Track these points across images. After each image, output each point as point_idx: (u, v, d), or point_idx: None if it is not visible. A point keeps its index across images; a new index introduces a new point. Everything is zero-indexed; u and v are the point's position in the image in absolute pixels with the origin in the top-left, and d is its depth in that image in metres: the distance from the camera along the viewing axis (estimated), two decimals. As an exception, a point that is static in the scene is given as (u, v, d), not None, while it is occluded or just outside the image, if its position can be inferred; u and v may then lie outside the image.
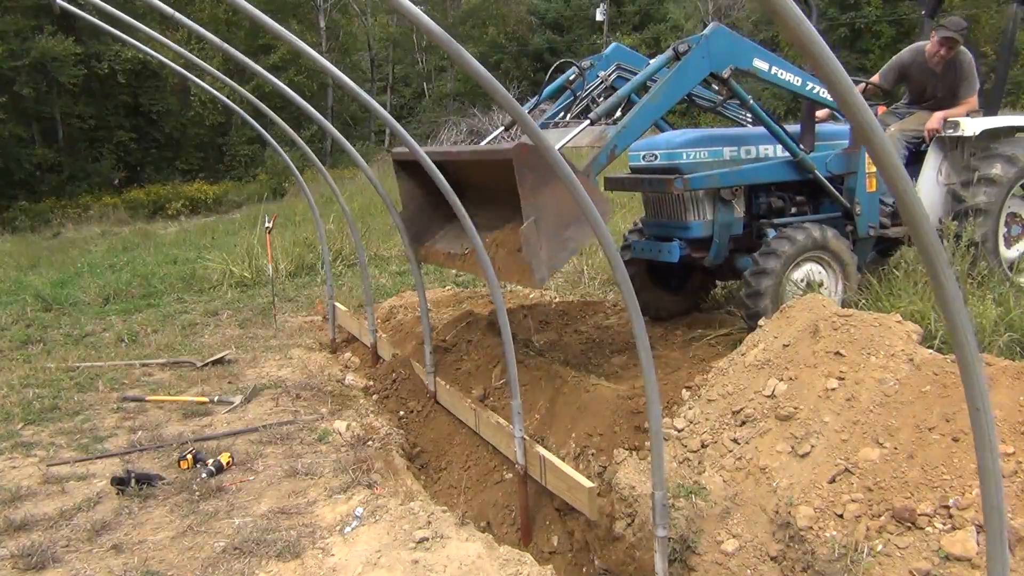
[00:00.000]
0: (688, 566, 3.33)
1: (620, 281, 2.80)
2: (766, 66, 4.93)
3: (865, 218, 5.49)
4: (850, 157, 5.44)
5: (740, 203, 5.28)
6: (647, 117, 4.78)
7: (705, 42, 4.69)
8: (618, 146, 4.76)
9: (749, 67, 4.87)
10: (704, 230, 5.25)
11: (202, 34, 4.72)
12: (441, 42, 2.35)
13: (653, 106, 4.73)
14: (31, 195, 23.83)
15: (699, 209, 5.24)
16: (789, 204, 5.49)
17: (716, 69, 4.76)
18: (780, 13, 1.30)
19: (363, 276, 6.41)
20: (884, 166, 1.46)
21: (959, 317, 1.57)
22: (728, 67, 4.77)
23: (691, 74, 4.73)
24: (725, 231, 5.25)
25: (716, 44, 4.74)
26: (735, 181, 5.17)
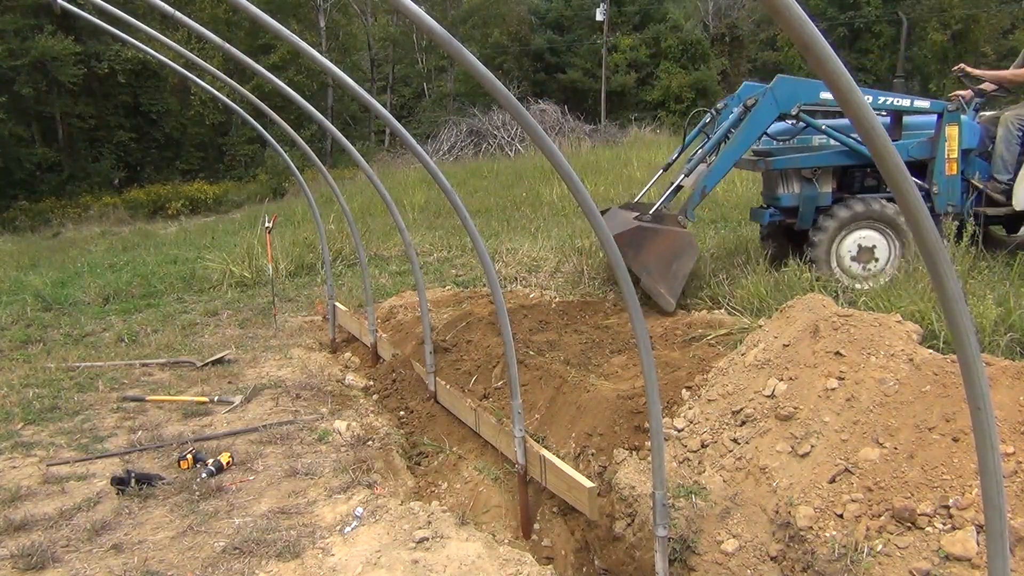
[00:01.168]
0: (688, 566, 3.33)
1: (620, 281, 2.80)
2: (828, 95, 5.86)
3: (943, 197, 6.24)
4: (932, 144, 6.24)
5: (825, 181, 6.45)
6: (729, 160, 6.12)
7: (770, 92, 5.97)
8: (707, 186, 6.16)
9: (817, 100, 6.04)
10: (791, 201, 6.50)
11: (202, 33, 4.72)
12: (442, 42, 2.35)
13: (732, 150, 6.10)
14: (31, 195, 23.83)
15: (787, 184, 6.52)
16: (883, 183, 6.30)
17: (784, 110, 6.00)
18: (781, 13, 1.30)
19: (363, 276, 6.41)
20: (884, 164, 1.46)
21: (960, 317, 1.57)
22: (796, 105, 5.99)
23: (761, 120, 6.00)
24: (810, 203, 6.41)
25: (780, 91, 5.97)
26: (814, 163, 6.36)
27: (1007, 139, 6.45)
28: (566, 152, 21.30)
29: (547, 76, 36.00)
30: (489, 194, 15.71)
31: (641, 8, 36.26)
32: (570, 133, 26.51)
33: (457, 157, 25.85)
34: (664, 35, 34.86)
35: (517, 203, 14.19)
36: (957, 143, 6.23)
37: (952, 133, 6.21)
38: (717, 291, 6.29)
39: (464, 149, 26.66)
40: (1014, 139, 6.42)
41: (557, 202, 13.45)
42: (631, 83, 34.73)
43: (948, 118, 6.19)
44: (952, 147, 6.21)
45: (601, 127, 29.38)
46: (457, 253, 10.24)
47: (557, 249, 9.48)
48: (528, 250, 9.33)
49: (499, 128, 26.66)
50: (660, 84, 34.11)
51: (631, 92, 34.83)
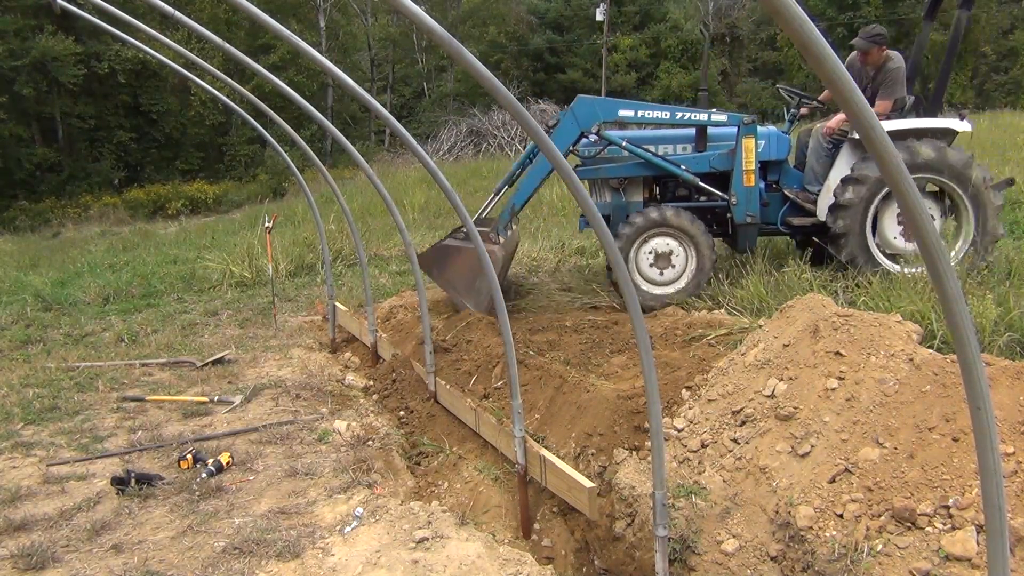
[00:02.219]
0: (688, 566, 3.33)
1: (621, 281, 2.80)
2: (631, 112, 6.34)
3: (740, 207, 6.50)
4: (731, 156, 6.46)
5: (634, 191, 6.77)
6: (533, 180, 6.51)
7: (570, 112, 6.24)
8: (515, 204, 6.56)
9: (616, 117, 6.36)
10: (603, 210, 6.75)
11: (202, 33, 4.71)
12: (442, 42, 2.35)
13: (536, 171, 6.50)
14: (31, 195, 23.82)
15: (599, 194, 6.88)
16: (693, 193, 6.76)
17: (584, 128, 6.28)
18: (781, 13, 1.30)
19: (363, 276, 6.41)
20: (884, 163, 1.46)
21: (960, 317, 1.57)
22: (595, 124, 6.32)
23: (562, 140, 6.21)
24: (620, 211, 6.74)
25: (580, 111, 6.22)
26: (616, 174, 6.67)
27: (816, 151, 6.71)
28: (566, 152, 21.21)
29: (547, 76, 36.01)
30: (489, 194, 15.68)
31: (641, 8, 36.26)
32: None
33: (457, 157, 25.85)
34: (664, 35, 34.86)
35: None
36: (754, 154, 6.41)
37: (748, 145, 6.38)
38: (717, 291, 6.30)
39: (464, 149, 26.67)
40: (823, 151, 6.65)
41: (557, 202, 13.45)
42: (631, 83, 34.74)
43: (744, 131, 6.38)
44: (749, 158, 6.39)
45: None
46: (457, 253, 10.22)
47: (557, 249, 9.48)
48: (528, 250, 9.33)
49: (499, 128, 26.67)
50: (660, 84, 34.14)
51: (631, 92, 34.83)
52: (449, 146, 26.87)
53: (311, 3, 31.92)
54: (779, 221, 6.73)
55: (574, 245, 9.57)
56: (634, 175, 6.67)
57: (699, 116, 6.48)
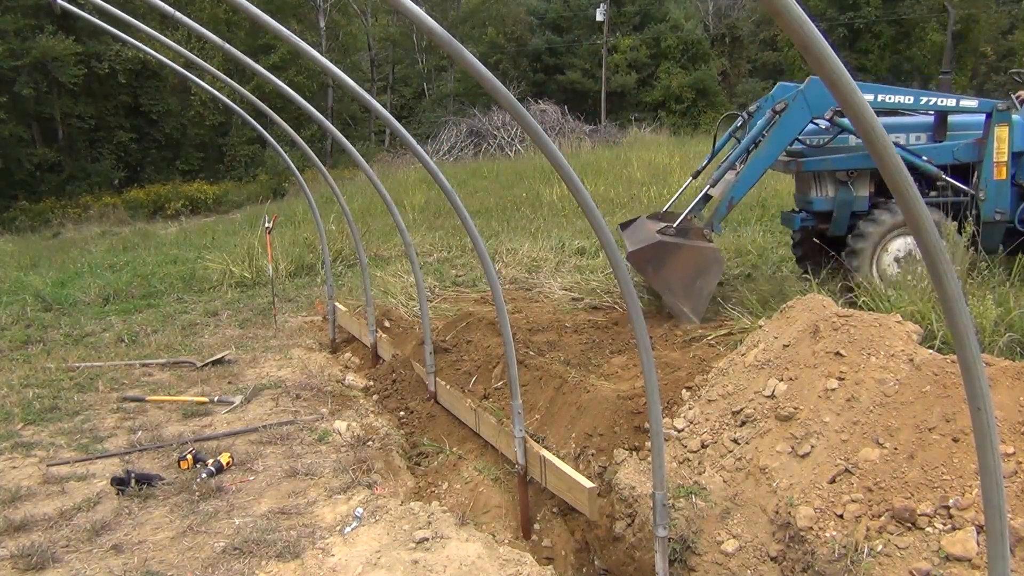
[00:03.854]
0: (688, 566, 3.33)
1: (621, 281, 2.80)
2: (871, 96, 5.65)
3: (990, 203, 5.87)
4: (979, 146, 5.84)
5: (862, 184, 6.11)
6: (757, 169, 5.86)
7: (800, 96, 5.67)
8: (735, 197, 5.91)
9: None
10: (825, 205, 6.19)
11: (202, 33, 4.72)
12: (442, 42, 2.35)
13: (761, 158, 5.83)
14: (31, 195, 23.79)
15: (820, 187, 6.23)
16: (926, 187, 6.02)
17: (816, 114, 5.71)
18: (781, 13, 1.30)
19: (363, 276, 6.40)
20: (884, 164, 1.46)
21: (960, 317, 1.56)
22: (829, 109, 5.68)
23: (792, 126, 5.71)
24: (845, 207, 6.09)
25: (812, 95, 5.64)
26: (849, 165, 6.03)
27: None
28: (566, 152, 21.30)
29: (546, 77, 35.99)
30: (489, 194, 15.71)
31: (641, 8, 36.24)
32: (570, 133, 26.52)
33: (457, 157, 25.85)
34: (664, 35, 34.84)
35: (517, 203, 14.20)
36: (1008, 145, 5.82)
37: (1002, 135, 5.81)
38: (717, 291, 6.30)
39: (464, 149, 26.67)
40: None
41: (557, 202, 13.45)
42: (631, 83, 34.73)
43: (998, 118, 5.81)
44: (1002, 149, 5.82)
45: (601, 127, 29.39)
46: (457, 253, 10.24)
47: (557, 249, 9.48)
48: (528, 250, 9.33)
49: (499, 128, 26.66)
50: (660, 84, 34.12)
51: (631, 92, 34.83)
52: (449, 146, 26.87)
53: (311, 3, 31.92)
54: (1018, 220, 6.00)
55: (574, 245, 9.57)
56: (864, 167, 6.04)
57: (947, 101, 5.86)
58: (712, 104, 33.94)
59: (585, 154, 21.70)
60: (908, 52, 32.44)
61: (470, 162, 24.06)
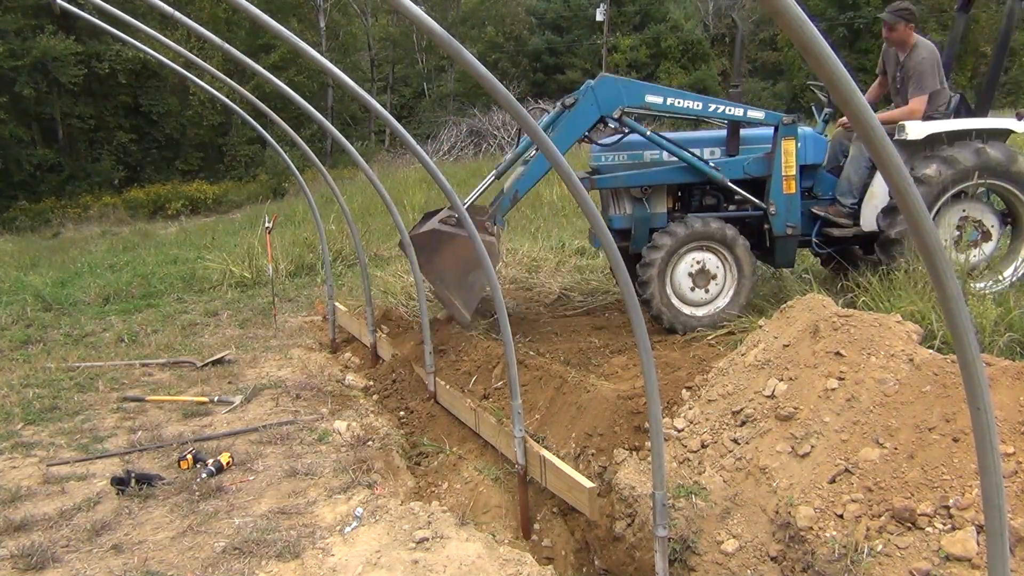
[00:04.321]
0: (688, 566, 3.33)
1: (620, 282, 2.80)
2: (660, 99, 5.64)
3: (781, 217, 5.87)
4: (768, 160, 5.83)
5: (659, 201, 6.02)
6: (543, 164, 5.65)
7: (591, 91, 5.52)
8: (519, 191, 5.80)
9: (641, 104, 5.62)
10: (623, 223, 6.07)
11: (202, 33, 4.72)
12: (441, 42, 2.35)
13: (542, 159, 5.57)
14: (31, 195, 23.80)
15: (618, 204, 6.13)
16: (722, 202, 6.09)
17: (606, 113, 5.54)
18: (781, 13, 1.30)
19: (363, 276, 6.41)
20: (885, 164, 1.46)
21: (960, 317, 1.56)
22: (618, 109, 5.54)
23: (580, 122, 5.56)
24: (643, 224, 5.99)
25: (602, 92, 5.52)
26: (643, 181, 5.90)
27: (857, 160, 5.95)
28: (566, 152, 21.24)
29: (546, 76, 35.99)
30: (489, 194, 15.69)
31: (641, 8, 36.26)
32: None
33: (457, 157, 25.85)
34: (664, 35, 34.86)
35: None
36: (795, 159, 5.79)
37: (789, 148, 5.76)
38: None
39: (464, 149, 26.68)
40: (864, 161, 5.93)
41: (557, 202, 13.45)
42: (631, 83, 34.70)
43: (784, 131, 5.75)
44: (789, 163, 5.78)
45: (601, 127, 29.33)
46: (457, 253, 10.22)
47: (557, 249, 9.48)
48: (528, 250, 9.33)
49: (499, 128, 26.67)
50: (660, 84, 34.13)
51: (631, 92, 34.80)
52: (449, 146, 26.88)
53: (311, 3, 31.93)
54: (815, 233, 6.05)
55: (574, 245, 9.57)
56: (659, 182, 5.93)
57: (734, 111, 5.74)
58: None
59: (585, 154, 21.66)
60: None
61: (470, 162, 24.06)
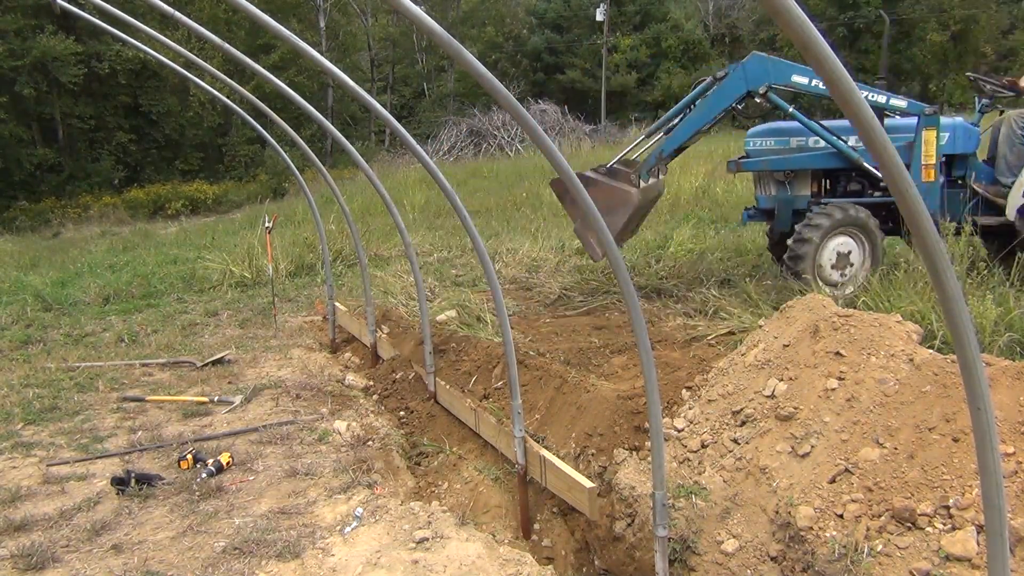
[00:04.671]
0: (688, 566, 3.33)
1: (620, 281, 2.80)
2: (806, 80, 5.92)
3: None
4: (909, 150, 6.01)
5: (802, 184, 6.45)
6: (689, 128, 6.09)
7: (741, 67, 5.92)
8: (664, 150, 6.18)
9: (787, 83, 5.94)
10: (767, 203, 6.62)
11: (202, 33, 4.71)
12: (441, 42, 2.35)
13: (694, 119, 6.09)
14: (31, 195, 23.79)
15: (764, 186, 6.66)
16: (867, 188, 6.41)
17: (752, 88, 5.90)
18: (781, 13, 1.30)
19: (363, 276, 6.41)
20: (885, 164, 1.46)
21: (960, 317, 1.56)
22: (764, 85, 5.88)
23: (728, 93, 5.94)
24: (786, 206, 6.45)
25: (751, 68, 5.89)
26: (786, 166, 6.35)
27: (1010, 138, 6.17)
28: (566, 152, 21.30)
29: (546, 76, 36.00)
30: (489, 194, 15.72)
31: (641, 8, 36.25)
32: (570, 133, 26.55)
33: (457, 157, 25.86)
34: (664, 35, 34.86)
35: (517, 203, 14.20)
36: (935, 147, 5.95)
37: (929, 137, 5.94)
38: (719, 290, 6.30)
39: (464, 149, 26.69)
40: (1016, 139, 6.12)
41: (557, 202, 13.41)
42: (631, 83, 34.74)
43: (925, 122, 5.95)
44: (929, 152, 5.96)
45: (601, 127, 29.41)
46: (457, 253, 10.24)
47: (557, 249, 9.48)
48: (528, 250, 9.33)
49: (499, 128, 26.69)
50: (660, 84, 34.13)
51: (631, 92, 34.84)
52: (449, 146, 26.89)
53: (311, 3, 31.93)
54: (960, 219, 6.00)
55: (574, 245, 9.56)
56: (803, 167, 6.36)
57: (878, 97, 5.94)
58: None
59: (585, 154, 21.70)
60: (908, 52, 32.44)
61: (470, 162, 24.08)
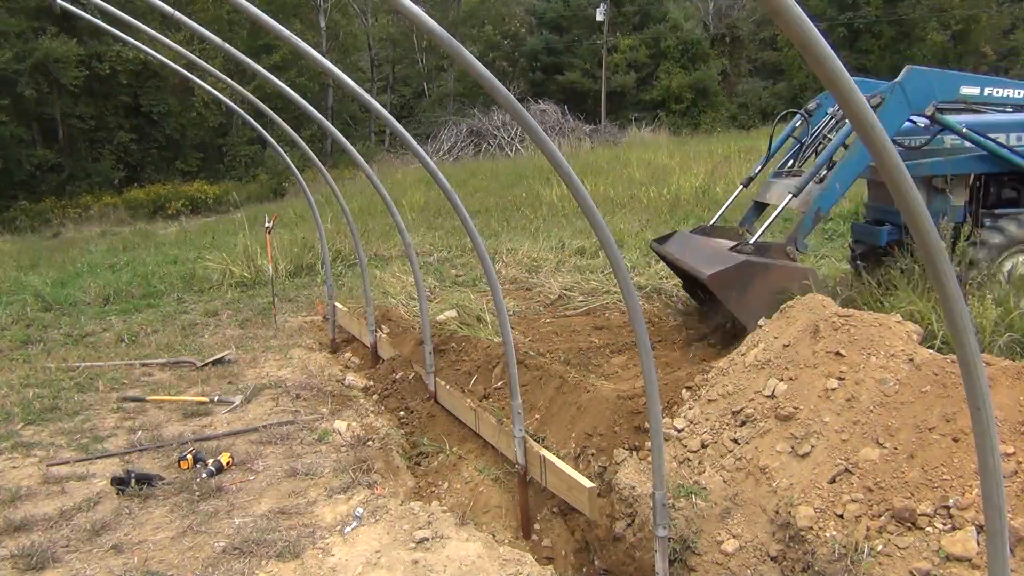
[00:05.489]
0: (688, 566, 3.33)
1: (620, 280, 2.80)
2: (976, 90, 5.05)
3: None
4: None
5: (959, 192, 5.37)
6: (848, 176, 4.98)
7: (899, 88, 4.83)
8: (822, 208, 5.03)
9: (957, 97, 5.02)
10: None
11: (202, 34, 4.72)
12: (441, 42, 2.35)
13: (853, 163, 4.93)
14: (31, 195, 23.80)
15: None
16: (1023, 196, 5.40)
17: (917, 109, 4.91)
18: (780, 13, 1.30)
19: (363, 276, 6.41)
20: (885, 166, 1.46)
21: (960, 317, 1.57)
22: (931, 104, 4.89)
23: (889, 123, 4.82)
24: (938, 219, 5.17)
25: (912, 86, 4.86)
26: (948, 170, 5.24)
27: None
28: (566, 152, 21.30)
29: (546, 76, 35.97)
30: (489, 194, 15.72)
31: (641, 8, 36.24)
32: (570, 133, 26.55)
33: (457, 157, 25.86)
34: (664, 35, 34.84)
35: (517, 203, 14.21)
36: None
37: None
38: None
39: (464, 149, 26.68)
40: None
41: (557, 202, 13.45)
42: (631, 83, 34.72)
43: None
44: None
45: (601, 127, 29.39)
46: (457, 253, 10.24)
47: (557, 249, 9.48)
48: (528, 250, 9.33)
49: (499, 128, 26.68)
50: (660, 84, 34.12)
51: (631, 92, 34.82)
52: (449, 146, 26.88)
53: (311, 3, 31.93)
54: None
55: (574, 245, 9.57)
56: (965, 172, 5.30)
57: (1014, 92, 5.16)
58: (712, 104, 33.93)
59: (585, 154, 21.72)
60: (908, 52, 32.44)
61: (470, 162, 24.08)
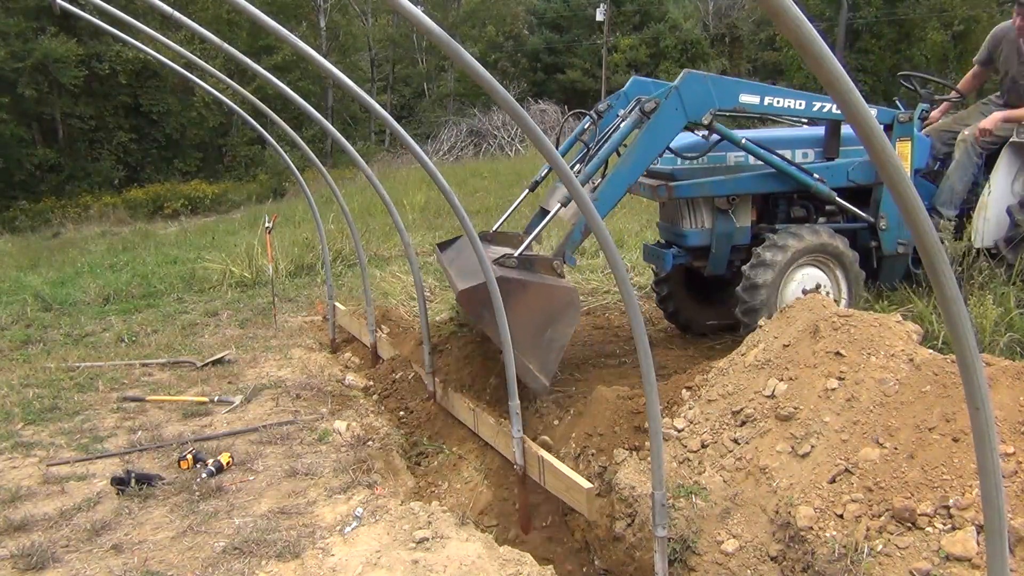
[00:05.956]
0: (688, 566, 3.33)
1: (620, 281, 2.80)
2: (756, 99, 4.68)
3: (892, 233, 4.98)
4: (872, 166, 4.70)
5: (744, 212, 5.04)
6: (620, 186, 4.58)
7: (675, 94, 4.45)
8: None
9: (736, 105, 4.65)
10: (700, 239, 5.05)
11: (202, 34, 4.72)
12: (441, 42, 2.35)
13: (626, 172, 4.54)
14: (31, 195, 23.81)
15: (695, 217, 5.05)
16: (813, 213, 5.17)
17: (693, 119, 4.51)
18: (780, 13, 1.30)
19: (363, 276, 6.41)
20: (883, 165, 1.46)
21: (960, 317, 1.57)
22: (708, 112, 4.51)
23: (663, 132, 4.50)
24: (725, 241, 5.01)
25: (689, 92, 4.47)
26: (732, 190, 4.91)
27: (964, 165, 5.08)
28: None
29: (546, 76, 36.00)
30: (489, 194, 15.72)
31: (640, 8, 36.25)
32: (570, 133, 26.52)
33: (457, 157, 25.88)
34: (664, 35, 34.86)
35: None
36: (910, 164, 4.90)
37: (904, 151, 4.87)
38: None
39: (464, 149, 26.70)
40: (971, 165, 5.07)
41: (557, 202, 13.43)
42: (631, 83, 34.72)
43: (899, 131, 4.87)
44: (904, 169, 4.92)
45: (601, 127, 29.34)
46: (457, 253, 10.22)
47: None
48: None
49: (499, 128, 26.71)
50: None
51: (631, 92, 34.81)
52: (449, 146, 26.91)
53: (311, 3, 31.95)
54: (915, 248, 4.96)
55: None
56: (748, 191, 4.97)
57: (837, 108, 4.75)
58: (594, 103, 33.90)
59: (585, 154, 21.67)
60: (908, 52, 32.44)
61: (470, 162, 24.09)
